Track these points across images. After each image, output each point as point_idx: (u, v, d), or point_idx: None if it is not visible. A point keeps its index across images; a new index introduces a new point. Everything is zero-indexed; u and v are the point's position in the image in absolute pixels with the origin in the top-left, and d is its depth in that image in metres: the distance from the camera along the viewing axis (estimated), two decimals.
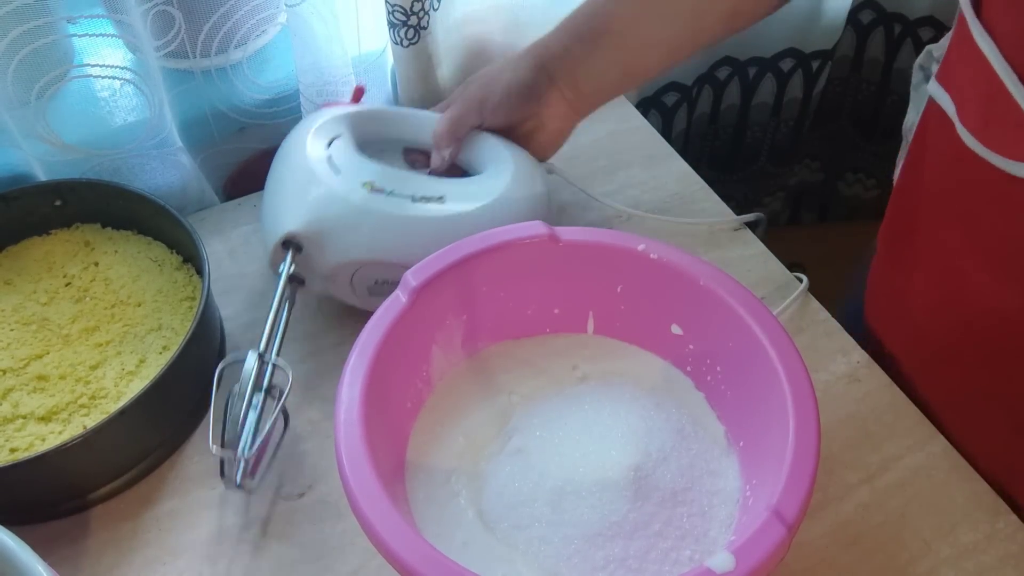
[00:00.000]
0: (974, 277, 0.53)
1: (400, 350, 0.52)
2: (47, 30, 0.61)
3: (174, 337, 0.61)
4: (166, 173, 0.72)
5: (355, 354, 0.50)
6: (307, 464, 0.59)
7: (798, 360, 0.49)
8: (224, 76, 0.71)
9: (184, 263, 0.66)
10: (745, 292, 0.53)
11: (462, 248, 0.54)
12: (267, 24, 0.73)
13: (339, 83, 0.72)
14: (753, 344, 0.51)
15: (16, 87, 0.62)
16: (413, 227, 0.60)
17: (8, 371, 0.59)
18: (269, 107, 0.75)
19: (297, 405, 0.62)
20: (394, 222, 0.60)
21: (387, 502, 0.44)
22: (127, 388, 0.59)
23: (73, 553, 0.55)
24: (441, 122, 0.66)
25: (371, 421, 0.47)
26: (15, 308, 0.63)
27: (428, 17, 0.72)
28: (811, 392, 0.48)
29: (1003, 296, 0.51)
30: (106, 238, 0.68)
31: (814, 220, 1.29)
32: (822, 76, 1.06)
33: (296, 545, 0.55)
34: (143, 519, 0.57)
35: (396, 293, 0.52)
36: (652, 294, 0.56)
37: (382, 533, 0.43)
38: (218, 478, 0.58)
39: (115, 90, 0.67)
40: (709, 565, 0.41)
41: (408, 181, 0.63)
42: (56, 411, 0.57)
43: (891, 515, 0.56)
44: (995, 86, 0.45)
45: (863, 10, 1.06)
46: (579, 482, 0.49)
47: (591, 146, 0.81)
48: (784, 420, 0.47)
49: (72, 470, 0.55)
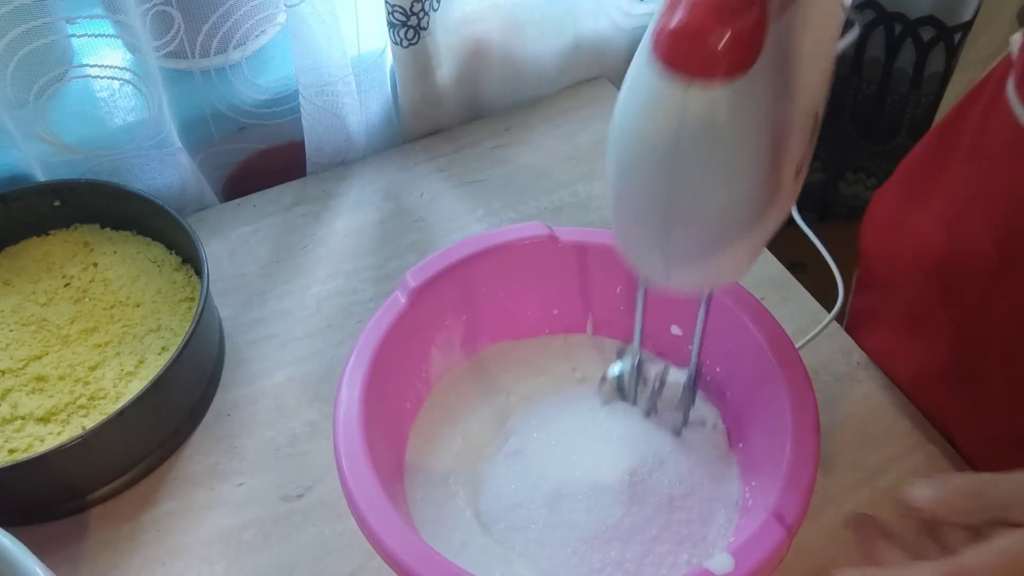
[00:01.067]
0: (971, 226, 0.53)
1: (399, 351, 0.52)
2: (46, 30, 0.61)
3: (173, 338, 0.61)
4: (165, 173, 0.72)
5: (354, 355, 0.50)
6: (307, 464, 0.59)
7: (798, 360, 0.49)
8: (223, 76, 0.71)
9: (183, 264, 0.66)
10: (744, 293, 0.53)
11: (462, 248, 0.54)
12: (266, 24, 0.72)
13: (338, 83, 0.72)
14: (752, 345, 0.51)
15: (15, 87, 0.62)
16: None
17: (7, 372, 0.59)
18: (268, 107, 0.75)
19: (296, 406, 0.62)
20: None
21: (386, 503, 0.44)
22: (126, 389, 0.59)
23: (72, 554, 0.55)
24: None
25: (370, 422, 0.47)
26: (14, 309, 0.63)
27: (428, 17, 0.72)
28: (811, 393, 0.48)
29: (984, 249, 0.52)
30: (105, 238, 0.68)
31: (814, 220, 1.29)
32: None
33: (296, 545, 0.55)
34: (142, 520, 0.57)
35: (395, 294, 0.52)
36: (651, 294, 0.56)
37: (380, 533, 0.43)
38: (217, 478, 0.58)
39: (114, 90, 0.67)
40: (708, 566, 0.41)
41: None
42: (55, 412, 0.57)
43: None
44: None
45: (863, 10, 1.05)
46: (575, 485, 0.49)
47: (591, 146, 0.81)
48: (784, 421, 0.47)
49: (71, 471, 0.55)
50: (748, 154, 0.35)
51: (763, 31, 0.31)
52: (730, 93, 0.32)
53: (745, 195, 0.36)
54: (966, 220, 0.54)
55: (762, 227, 0.39)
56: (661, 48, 0.32)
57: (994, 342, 0.54)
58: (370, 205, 0.76)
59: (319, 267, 0.71)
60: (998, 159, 0.52)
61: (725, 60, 0.31)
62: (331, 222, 0.75)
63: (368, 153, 0.81)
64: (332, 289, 0.70)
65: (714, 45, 0.31)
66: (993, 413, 0.56)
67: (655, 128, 0.34)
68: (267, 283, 0.70)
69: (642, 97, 0.34)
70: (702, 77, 0.32)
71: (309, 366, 0.65)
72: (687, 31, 0.31)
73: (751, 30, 0.31)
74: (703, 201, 0.36)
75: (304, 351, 0.66)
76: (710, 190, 0.36)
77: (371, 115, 0.79)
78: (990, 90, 0.54)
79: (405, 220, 0.75)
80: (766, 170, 0.36)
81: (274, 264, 0.72)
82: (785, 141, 0.37)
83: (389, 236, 0.74)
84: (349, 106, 0.75)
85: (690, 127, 0.33)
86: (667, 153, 0.34)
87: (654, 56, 0.32)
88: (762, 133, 0.35)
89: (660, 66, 0.32)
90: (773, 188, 0.37)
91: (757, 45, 0.31)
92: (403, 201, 0.77)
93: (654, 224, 0.38)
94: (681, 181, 0.35)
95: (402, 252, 0.72)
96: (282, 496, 0.58)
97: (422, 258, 0.54)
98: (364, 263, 0.71)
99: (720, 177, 0.35)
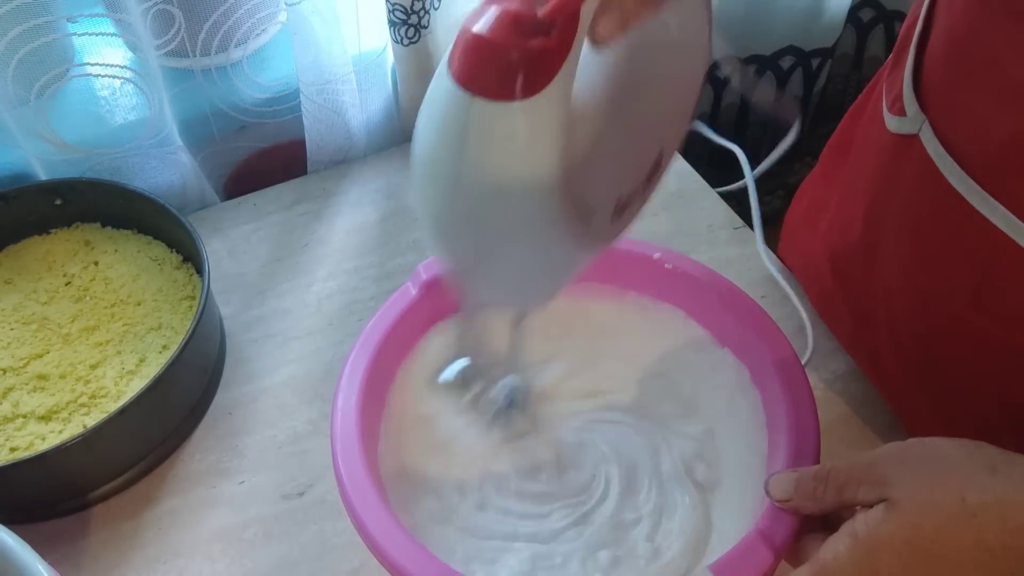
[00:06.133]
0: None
1: (406, 341, 0.51)
2: (47, 29, 0.61)
3: (174, 336, 0.61)
4: (166, 172, 0.72)
5: (359, 343, 0.49)
6: (308, 462, 0.59)
7: (796, 361, 0.50)
8: (224, 75, 0.71)
9: (184, 262, 0.66)
10: (740, 292, 0.53)
11: None
12: (267, 23, 0.72)
13: (339, 82, 0.72)
14: (749, 345, 0.51)
15: (16, 86, 0.62)
16: None
17: (8, 370, 0.59)
18: (269, 106, 0.75)
19: (297, 404, 0.62)
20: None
21: (379, 502, 0.44)
22: (127, 387, 0.59)
23: (73, 552, 0.55)
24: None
25: (369, 412, 0.47)
26: (15, 307, 0.63)
27: (429, 16, 0.72)
28: (809, 393, 0.48)
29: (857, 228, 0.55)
30: (106, 237, 0.68)
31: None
32: (822, 74, 1.05)
33: (297, 543, 0.55)
34: (143, 518, 0.57)
35: (407, 284, 0.52)
36: (661, 298, 0.56)
37: (373, 533, 0.43)
38: (218, 476, 0.58)
39: (115, 89, 0.67)
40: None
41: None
42: (56, 410, 0.57)
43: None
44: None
45: (863, 8, 1.05)
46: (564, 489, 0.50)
47: None
48: (783, 422, 0.47)
49: (72, 469, 0.55)
50: (530, 171, 0.33)
51: (556, 59, 0.30)
52: (512, 110, 0.31)
53: (527, 214, 0.34)
54: (848, 206, 0.58)
55: (561, 253, 0.37)
56: (452, 61, 0.31)
57: (881, 326, 0.55)
58: (371, 204, 0.76)
59: (320, 266, 0.71)
60: (869, 155, 0.55)
61: (508, 82, 0.30)
62: (332, 221, 0.75)
63: (369, 151, 0.81)
64: (333, 288, 0.70)
65: (499, 67, 0.30)
66: (894, 391, 0.58)
67: (443, 131, 0.33)
68: (268, 281, 0.70)
69: (436, 97, 0.33)
70: (483, 96, 0.31)
71: (310, 364, 0.65)
72: (475, 48, 0.30)
73: (539, 56, 0.30)
74: (487, 212, 0.35)
75: (305, 349, 0.66)
76: (492, 202, 0.34)
77: (372, 113, 0.79)
78: (877, 94, 0.57)
79: (406, 219, 0.75)
80: (552, 194, 0.34)
81: (275, 263, 0.72)
82: (595, 168, 0.36)
83: (390, 235, 0.74)
84: (350, 104, 0.75)
85: (473, 136, 0.32)
86: (453, 160, 0.33)
87: (447, 65, 0.32)
88: (547, 152, 0.33)
89: (450, 76, 0.31)
90: (571, 216, 0.35)
91: (547, 71, 0.30)
92: (404, 200, 0.77)
93: (442, 225, 0.37)
94: (465, 190, 0.34)
95: (403, 251, 0.72)
96: (283, 494, 0.58)
97: (423, 257, 0.54)
98: (365, 262, 0.71)
99: (501, 192, 0.34)
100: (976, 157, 0.43)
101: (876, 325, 0.56)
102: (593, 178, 0.36)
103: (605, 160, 0.37)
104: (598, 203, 0.37)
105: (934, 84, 0.47)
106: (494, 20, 0.29)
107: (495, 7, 0.30)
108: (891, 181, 0.51)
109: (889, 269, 0.53)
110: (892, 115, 0.51)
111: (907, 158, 0.49)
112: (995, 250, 0.43)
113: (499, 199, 0.34)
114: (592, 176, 0.36)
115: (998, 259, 0.43)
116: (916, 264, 0.50)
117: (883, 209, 0.53)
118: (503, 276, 0.39)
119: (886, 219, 0.52)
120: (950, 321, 0.48)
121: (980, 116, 0.43)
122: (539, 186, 0.33)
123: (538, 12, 0.29)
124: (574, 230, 0.36)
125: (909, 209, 0.49)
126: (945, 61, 0.46)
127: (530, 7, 0.30)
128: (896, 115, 0.50)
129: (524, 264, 0.38)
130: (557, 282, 0.41)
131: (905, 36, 0.53)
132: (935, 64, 0.47)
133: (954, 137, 0.45)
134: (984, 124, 0.43)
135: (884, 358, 0.57)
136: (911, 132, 0.48)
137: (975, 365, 0.49)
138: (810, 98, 1.08)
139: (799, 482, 0.42)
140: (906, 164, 0.49)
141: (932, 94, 0.47)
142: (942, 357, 0.51)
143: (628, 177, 0.39)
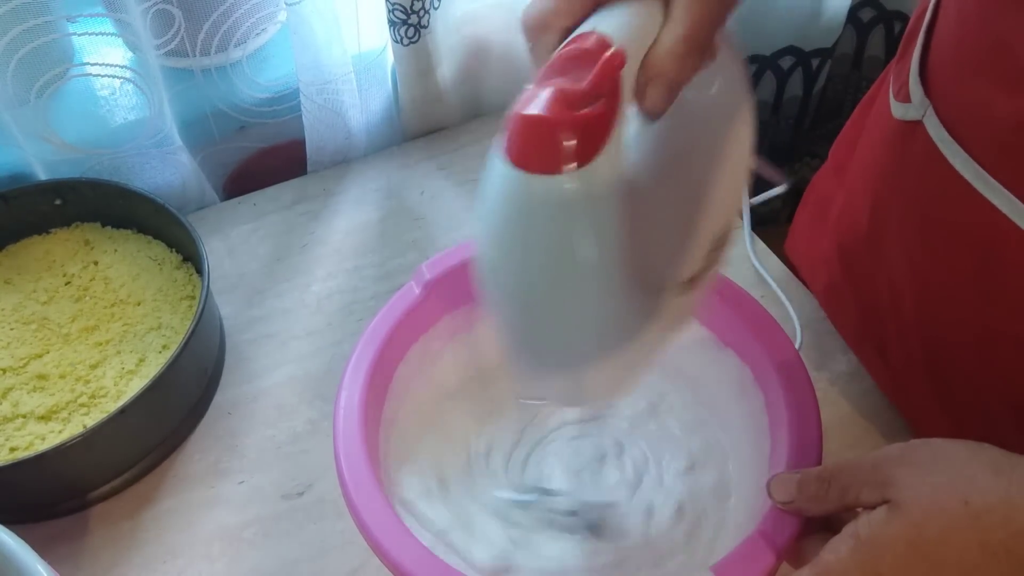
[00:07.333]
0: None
1: (408, 341, 0.51)
2: (47, 29, 0.61)
3: (174, 336, 0.61)
4: (166, 172, 0.72)
5: (363, 342, 0.49)
6: (307, 462, 0.59)
7: (799, 362, 0.49)
8: (224, 75, 0.71)
9: (184, 262, 0.66)
10: (742, 293, 0.53)
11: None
12: (267, 22, 0.72)
13: (339, 82, 0.72)
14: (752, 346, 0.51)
15: (16, 86, 0.62)
16: None
17: (8, 370, 0.59)
18: (269, 106, 0.75)
19: (297, 404, 0.62)
20: None
21: (381, 501, 0.44)
22: (127, 387, 0.59)
23: (73, 552, 0.55)
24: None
25: (372, 408, 0.47)
26: (15, 307, 0.63)
27: (428, 16, 0.72)
28: (811, 392, 0.48)
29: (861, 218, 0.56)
30: (106, 237, 0.68)
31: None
32: (822, 74, 1.05)
33: (296, 543, 0.55)
34: (143, 518, 0.57)
35: (410, 284, 0.52)
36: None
37: (374, 532, 0.43)
38: (218, 476, 0.58)
39: (115, 89, 0.67)
40: None
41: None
42: (56, 410, 0.57)
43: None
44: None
45: (863, 8, 1.05)
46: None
47: None
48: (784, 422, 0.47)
49: (72, 469, 0.55)
50: (596, 236, 0.33)
51: (606, 124, 0.31)
52: (572, 179, 0.31)
53: (595, 288, 0.34)
54: (855, 197, 0.58)
55: (629, 337, 0.37)
56: (506, 147, 0.32)
57: (888, 317, 0.55)
58: (371, 203, 0.76)
59: (319, 265, 0.71)
60: (876, 144, 0.55)
61: (565, 153, 0.31)
62: (331, 220, 0.75)
63: (369, 151, 0.81)
64: (332, 287, 0.70)
65: (554, 141, 0.31)
66: (899, 386, 0.58)
67: (509, 216, 0.33)
68: (267, 281, 0.70)
69: (495, 185, 0.33)
70: (543, 172, 0.31)
71: (309, 364, 0.65)
72: (532, 127, 0.31)
73: (592, 123, 0.31)
74: (559, 287, 0.34)
75: (304, 349, 0.66)
76: (562, 275, 0.34)
77: (372, 113, 0.79)
78: (885, 86, 0.57)
79: (406, 218, 0.75)
80: (617, 264, 0.34)
81: (275, 262, 0.72)
82: (656, 237, 0.36)
83: (390, 234, 0.74)
84: (350, 104, 0.75)
85: (538, 211, 0.32)
86: (523, 237, 0.33)
87: (503, 153, 0.32)
88: (609, 216, 0.33)
89: (507, 161, 0.32)
90: (638, 293, 0.35)
91: (599, 137, 0.31)
92: (404, 199, 0.77)
93: (507, 313, 0.36)
94: (534, 268, 0.34)
95: (403, 250, 0.72)
96: (283, 494, 0.58)
97: (423, 257, 0.54)
98: (365, 261, 0.71)
99: (568, 263, 0.33)
100: (981, 141, 0.43)
101: (883, 316, 0.56)
102: (656, 248, 0.36)
103: (664, 229, 0.37)
104: (664, 274, 0.37)
105: (941, 69, 0.47)
106: (547, 100, 0.31)
107: (545, 90, 0.31)
108: (896, 168, 0.51)
109: (895, 258, 0.53)
110: (898, 102, 0.51)
111: (912, 144, 0.49)
112: (999, 235, 0.43)
113: (567, 270, 0.34)
114: (655, 246, 0.36)
115: (1002, 244, 0.43)
116: (921, 251, 0.50)
117: (889, 197, 0.53)
118: (577, 355, 0.38)
119: (892, 207, 0.52)
120: (955, 310, 0.48)
121: (986, 100, 0.43)
122: (605, 255, 0.33)
123: (582, 86, 0.31)
124: (645, 308, 0.36)
125: (914, 196, 0.50)
126: (953, 45, 0.46)
127: (575, 83, 0.31)
128: (901, 102, 0.50)
129: (598, 340, 0.37)
130: (631, 365, 0.40)
131: (914, 26, 0.53)
132: (943, 48, 0.47)
133: (959, 122, 0.45)
134: (990, 108, 0.42)
135: (890, 351, 0.56)
136: (915, 118, 0.48)
137: (980, 356, 0.49)
138: (810, 98, 1.08)
139: (801, 483, 0.42)
140: (911, 150, 0.49)
141: (938, 79, 0.47)
142: (948, 348, 0.51)
143: (689, 248, 0.38)
